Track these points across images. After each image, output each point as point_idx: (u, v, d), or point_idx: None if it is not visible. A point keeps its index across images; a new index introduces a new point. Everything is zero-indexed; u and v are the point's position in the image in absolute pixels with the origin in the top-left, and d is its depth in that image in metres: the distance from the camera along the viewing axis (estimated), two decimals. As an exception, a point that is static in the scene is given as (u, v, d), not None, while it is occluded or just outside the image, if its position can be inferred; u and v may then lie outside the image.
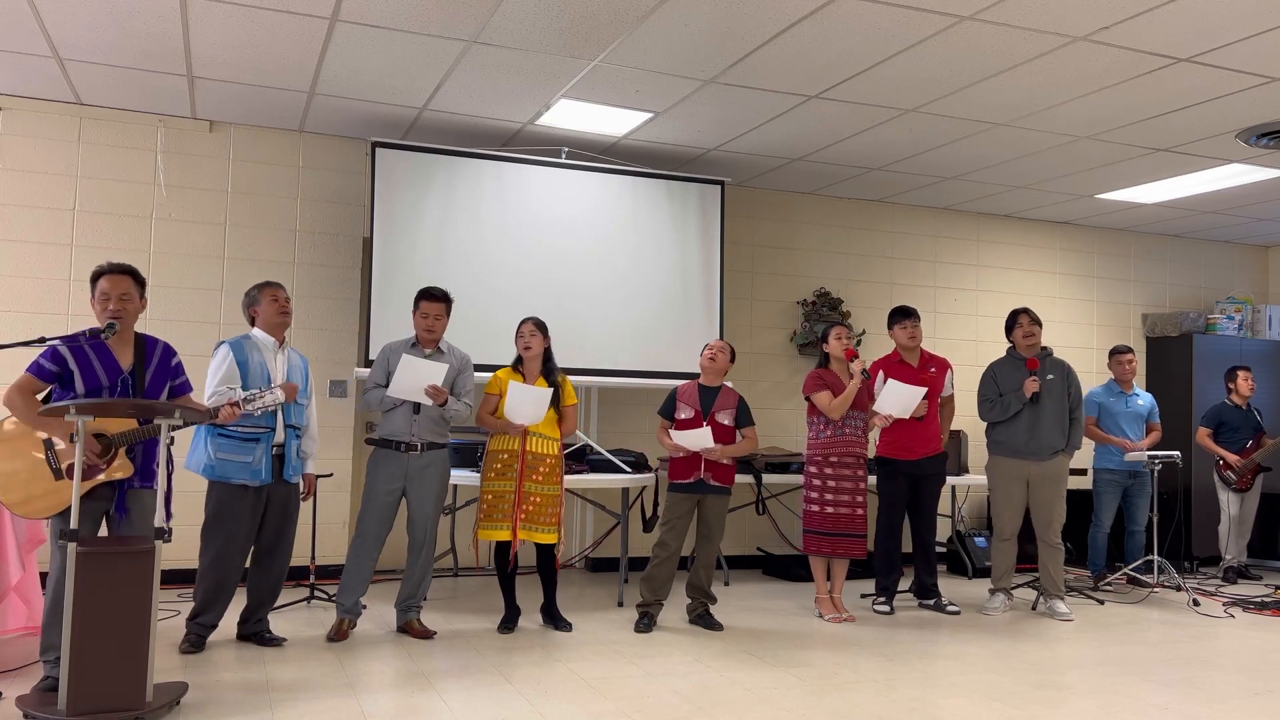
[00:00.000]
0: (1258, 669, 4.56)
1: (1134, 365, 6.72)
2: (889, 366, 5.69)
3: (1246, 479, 7.09)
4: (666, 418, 5.17)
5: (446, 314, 4.82)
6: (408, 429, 4.71)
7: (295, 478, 4.55)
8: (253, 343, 4.49)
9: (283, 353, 4.57)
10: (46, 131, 5.84)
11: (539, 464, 4.89)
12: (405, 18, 4.54)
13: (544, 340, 4.98)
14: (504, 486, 4.86)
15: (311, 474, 4.70)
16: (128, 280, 3.78)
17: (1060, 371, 5.71)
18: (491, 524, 4.85)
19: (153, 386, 3.80)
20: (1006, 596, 5.77)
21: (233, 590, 4.47)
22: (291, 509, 4.57)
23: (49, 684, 3.62)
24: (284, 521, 4.54)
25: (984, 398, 5.77)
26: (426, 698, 3.77)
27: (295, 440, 4.52)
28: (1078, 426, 5.69)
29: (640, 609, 5.10)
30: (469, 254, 6.17)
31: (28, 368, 3.63)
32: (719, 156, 6.65)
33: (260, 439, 4.38)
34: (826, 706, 3.78)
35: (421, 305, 4.78)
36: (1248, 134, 5.84)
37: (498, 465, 4.88)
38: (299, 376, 4.60)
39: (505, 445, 4.89)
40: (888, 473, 5.66)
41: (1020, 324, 5.72)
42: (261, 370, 4.43)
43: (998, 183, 7.19)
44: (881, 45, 4.70)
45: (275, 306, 4.54)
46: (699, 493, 5.09)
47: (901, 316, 5.72)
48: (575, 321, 6.31)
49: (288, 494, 4.54)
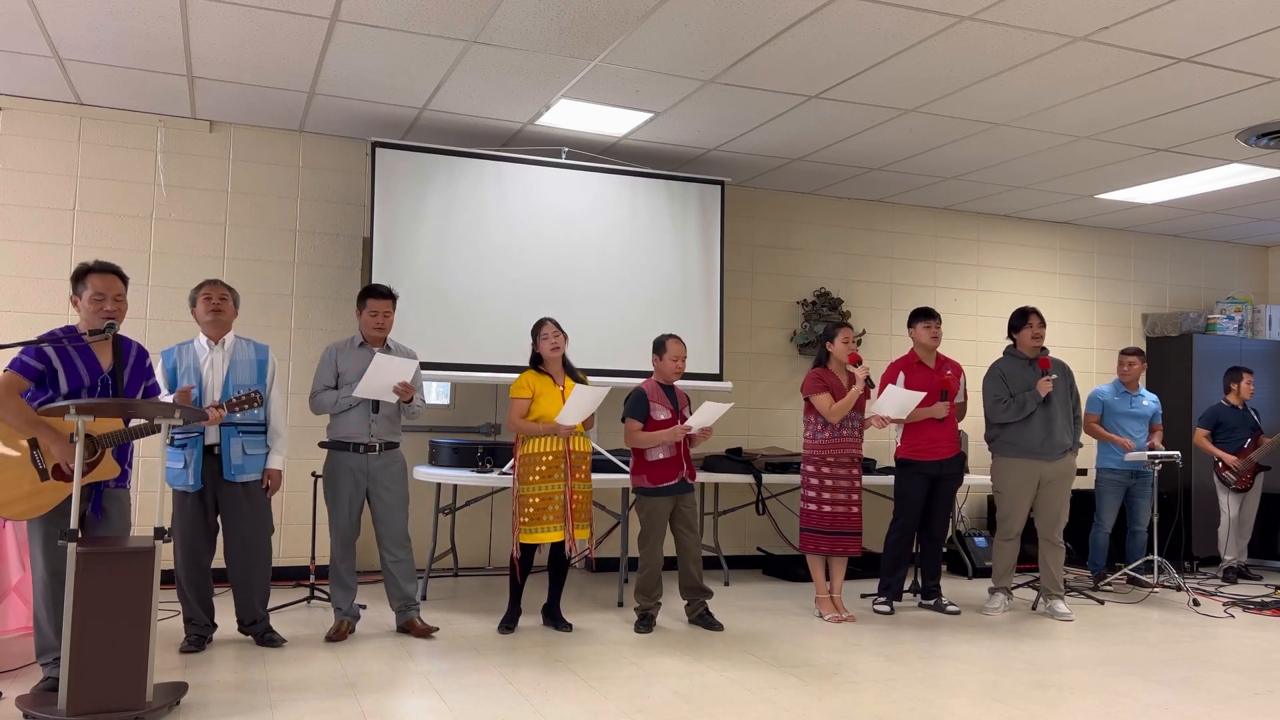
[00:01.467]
0: (1258, 669, 4.56)
1: (1135, 367, 6.74)
2: (907, 367, 5.67)
3: (1246, 479, 7.09)
4: (640, 419, 5.06)
5: (393, 310, 4.81)
6: (366, 429, 4.68)
7: (242, 477, 4.39)
8: (189, 347, 4.42)
9: (220, 350, 4.43)
10: (46, 131, 5.84)
11: (581, 462, 4.93)
12: (405, 18, 4.54)
13: (565, 338, 5.00)
14: (553, 488, 4.83)
15: (275, 469, 4.51)
16: (118, 280, 3.77)
17: (1062, 371, 5.75)
18: (541, 526, 4.80)
19: (130, 386, 3.80)
20: (1006, 596, 5.77)
21: (204, 593, 4.46)
22: (247, 509, 4.42)
23: (49, 684, 3.62)
24: (240, 522, 4.41)
25: (995, 398, 5.70)
26: (426, 698, 3.77)
27: (237, 438, 4.37)
28: (1079, 425, 5.78)
29: (639, 611, 5.10)
30: (469, 254, 6.16)
31: (10, 364, 3.58)
32: (719, 156, 6.65)
33: (187, 443, 4.31)
34: (826, 706, 3.78)
35: (370, 303, 4.74)
36: (1248, 134, 5.84)
37: (541, 468, 4.83)
38: (248, 370, 4.45)
39: (549, 447, 4.85)
40: (908, 473, 5.64)
41: (1030, 324, 5.70)
42: (192, 375, 4.34)
43: (998, 183, 7.19)
44: (881, 45, 4.70)
45: (206, 305, 4.42)
46: (678, 493, 5.09)
47: (925, 316, 5.70)
48: (575, 321, 6.31)
49: (235, 494, 4.40)
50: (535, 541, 4.83)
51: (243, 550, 4.46)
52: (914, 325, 5.73)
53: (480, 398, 6.72)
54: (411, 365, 4.59)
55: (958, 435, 5.73)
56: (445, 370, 6.05)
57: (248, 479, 4.42)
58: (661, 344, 5.15)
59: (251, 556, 4.47)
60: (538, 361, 4.99)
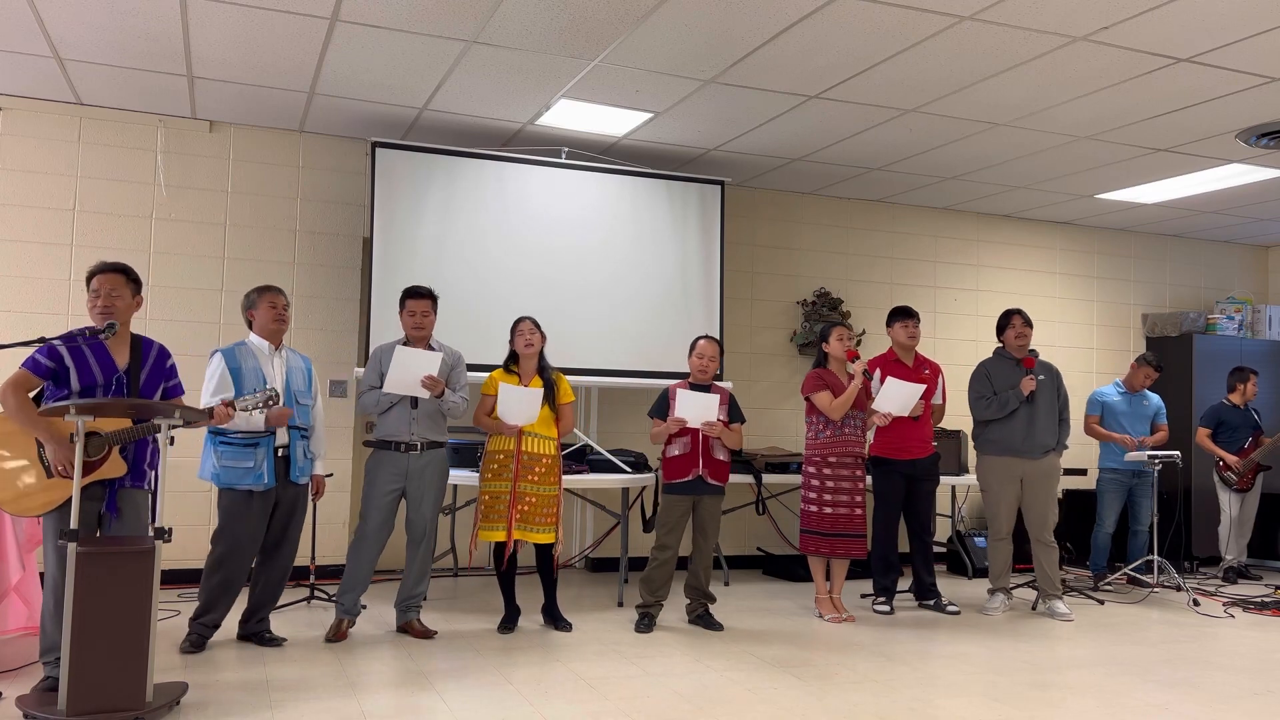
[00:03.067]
0: (1258, 669, 4.56)
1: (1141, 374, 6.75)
2: (885, 365, 5.71)
3: (1247, 479, 7.10)
4: (660, 418, 5.14)
5: (433, 310, 4.81)
6: (407, 428, 4.71)
7: (303, 479, 4.55)
8: (246, 349, 4.48)
9: (279, 355, 4.56)
10: (46, 131, 5.84)
11: (535, 464, 4.88)
12: (405, 18, 4.54)
13: (543, 338, 4.99)
14: (500, 487, 4.86)
15: (320, 474, 4.71)
16: (119, 278, 3.78)
17: (1049, 372, 5.78)
18: (489, 524, 4.85)
19: (147, 386, 3.79)
20: (1006, 596, 5.78)
21: (238, 591, 4.49)
22: (299, 510, 4.58)
23: (49, 684, 3.62)
24: (290, 523, 4.56)
25: (979, 395, 5.78)
26: (426, 698, 3.77)
27: (301, 441, 4.52)
28: (1066, 427, 5.78)
29: (640, 609, 5.10)
30: (469, 254, 6.17)
31: (23, 363, 3.61)
32: (719, 156, 6.65)
33: (260, 443, 4.38)
34: (826, 706, 3.78)
35: (408, 304, 4.77)
36: (1248, 134, 5.84)
37: (494, 466, 4.89)
38: (300, 378, 4.60)
39: (501, 446, 4.89)
40: (884, 472, 5.67)
41: (1013, 324, 5.77)
42: (256, 375, 4.42)
43: (998, 183, 7.19)
44: (881, 45, 4.70)
45: (272, 313, 4.53)
46: (696, 493, 5.09)
47: (903, 316, 5.75)
48: (575, 321, 6.31)
49: (295, 495, 4.55)
50: (487, 539, 4.87)
51: (280, 551, 4.55)
52: (892, 325, 5.78)
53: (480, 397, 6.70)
54: (435, 358, 4.62)
55: (931, 436, 5.75)
56: (445, 370, 6.04)
57: (305, 481, 4.59)
58: (694, 343, 5.21)
59: (285, 558, 4.58)
60: (513, 359, 5.00)
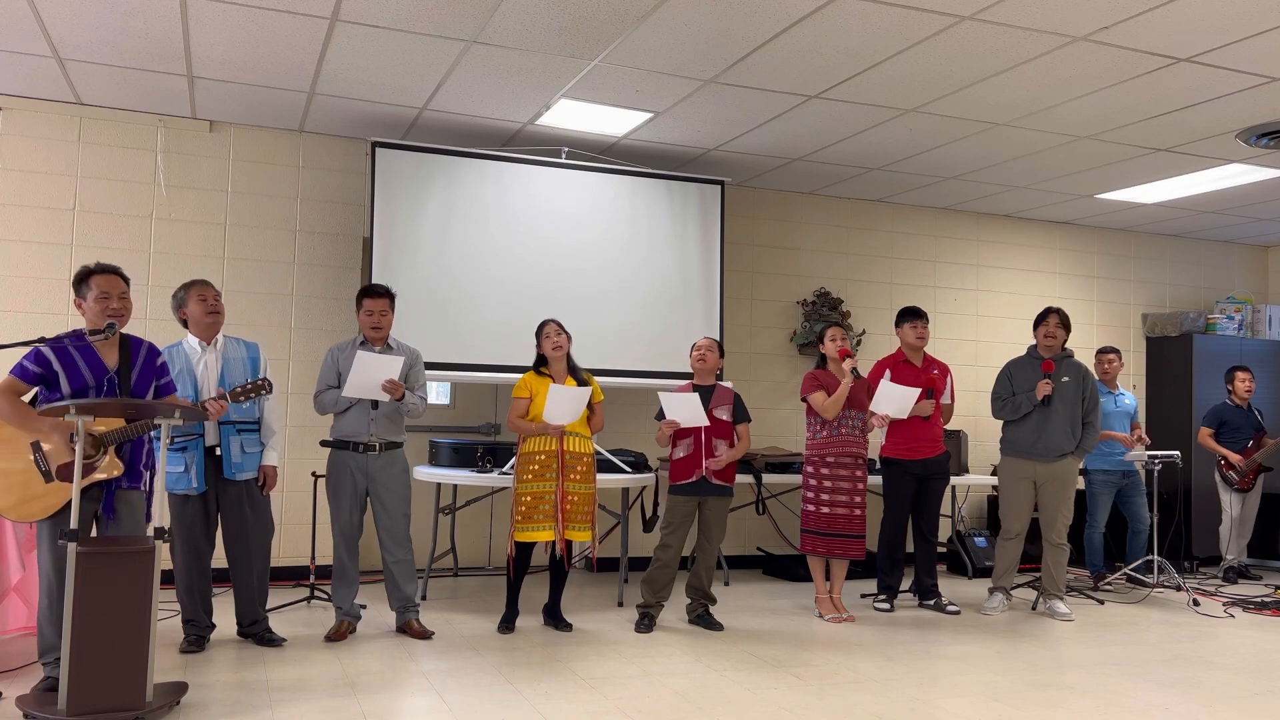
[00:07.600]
0: (1258, 669, 4.56)
1: (1115, 365, 6.79)
2: (894, 366, 5.70)
3: (1249, 479, 7.10)
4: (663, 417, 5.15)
5: (391, 309, 4.79)
6: (365, 429, 4.67)
7: (241, 475, 4.40)
8: (176, 350, 4.37)
9: (213, 350, 4.42)
10: (46, 131, 5.84)
11: (576, 463, 4.90)
12: (405, 18, 4.54)
13: (569, 338, 5.00)
14: (544, 487, 4.84)
15: (270, 465, 4.52)
16: (121, 280, 3.79)
17: (1076, 374, 5.67)
18: (532, 525, 4.82)
19: (139, 386, 3.78)
20: (1005, 596, 5.78)
21: (204, 593, 4.45)
22: (249, 507, 4.43)
23: (49, 684, 3.62)
24: (241, 521, 4.42)
25: (996, 395, 5.81)
26: (426, 698, 3.77)
27: (237, 436, 4.37)
28: (1091, 431, 5.65)
29: (640, 609, 5.10)
30: (469, 254, 6.16)
31: (11, 370, 3.62)
32: (719, 156, 6.65)
33: (188, 446, 4.30)
34: (826, 706, 3.78)
35: (365, 303, 4.74)
36: (1248, 134, 5.84)
37: (534, 466, 4.85)
38: (240, 368, 4.44)
39: (542, 446, 4.87)
40: (894, 473, 5.68)
41: (1046, 323, 5.70)
42: (186, 378, 4.32)
43: (998, 183, 7.19)
44: (881, 45, 4.70)
45: (204, 306, 4.39)
46: (701, 494, 5.09)
47: (912, 316, 5.74)
48: (575, 321, 6.31)
49: (239, 493, 4.41)
50: (527, 540, 4.84)
51: (244, 550, 4.46)
52: (901, 325, 5.78)
53: (480, 398, 6.72)
54: (397, 362, 4.56)
55: (941, 435, 5.75)
56: (445, 370, 6.05)
57: (247, 477, 4.43)
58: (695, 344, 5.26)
59: (252, 556, 4.48)
60: (542, 362, 4.99)
